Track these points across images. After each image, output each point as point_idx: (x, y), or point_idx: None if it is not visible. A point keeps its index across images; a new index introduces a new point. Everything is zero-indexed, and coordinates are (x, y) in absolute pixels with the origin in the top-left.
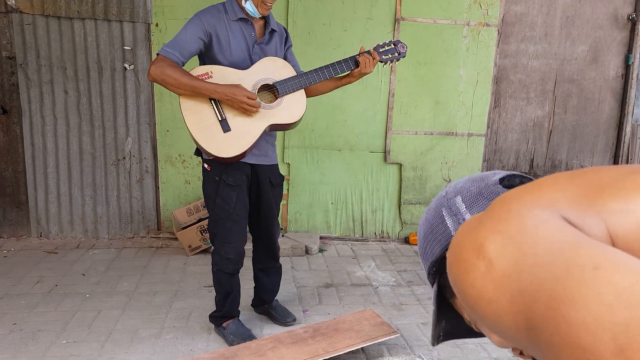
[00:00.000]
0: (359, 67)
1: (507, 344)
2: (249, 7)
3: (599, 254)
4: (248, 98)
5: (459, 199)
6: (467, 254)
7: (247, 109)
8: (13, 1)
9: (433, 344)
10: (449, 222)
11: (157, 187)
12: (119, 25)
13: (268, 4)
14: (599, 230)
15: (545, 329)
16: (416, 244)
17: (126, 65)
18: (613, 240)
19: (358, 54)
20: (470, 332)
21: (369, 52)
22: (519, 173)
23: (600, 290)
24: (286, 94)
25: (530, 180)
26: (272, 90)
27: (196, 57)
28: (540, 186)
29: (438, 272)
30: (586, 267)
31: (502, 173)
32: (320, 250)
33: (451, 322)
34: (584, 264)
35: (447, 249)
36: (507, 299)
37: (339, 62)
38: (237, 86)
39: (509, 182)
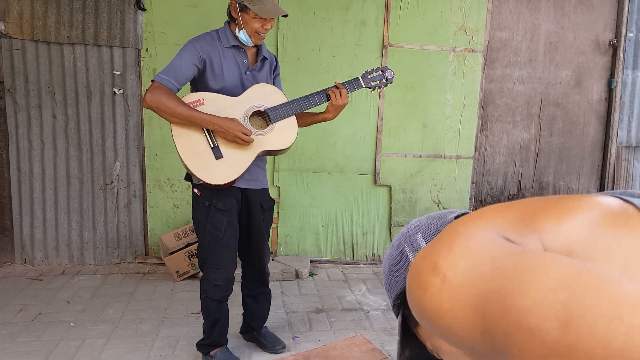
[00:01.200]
0: (330, 100)
1: None
2: (243, 36)
3: (537, 255)
4: (242, 133)
5: (419, 236)
6: (423, 275)
7: (240, 143)
8: (2, 26)
9: None
10: (411, 257)
11: (145, 212)
12: (109, 50)
13: (261, 35)
14: (535, 247)
15: (499, 322)
16: None
17: (115, 90)
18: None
19: (336, 84)
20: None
21: (351, 81)
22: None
23: (540, 278)
24: (278, 121)
25: None
26: (263, 117)
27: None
28: (483, 214)
29: (402, 303)
30: (527, 268)
31: (457, 212)
32: (311, 274)
33: (415, 350)
34: (524, 264)
35: None
36: (461, 306)
37: (322, 90)
38: (234, 120)
39: None
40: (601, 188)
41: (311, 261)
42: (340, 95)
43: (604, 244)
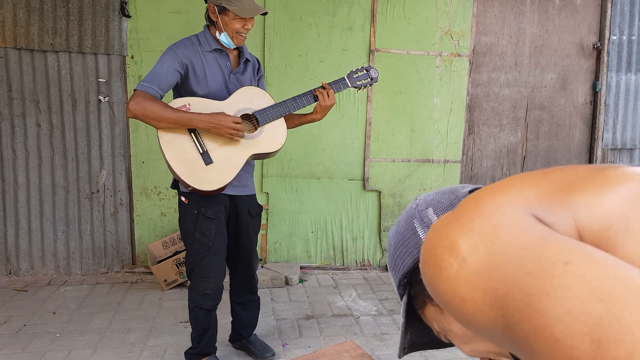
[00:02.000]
0: (318, 101)
1: (478, 354)
2: (224, 39)
3: (569, 249)
4: (234, 122)
5: (430, 211)
6: (439, 252)
7: (234, 135)
8: None
9: (399, 356)
10: (421, 233)
11: (132, 220)
12: (93, 57)
13: (242, 35)
14: (568, 225)
15: (521, 324)
16: None
17: (101, 98)
18: (580, 233)
19: (322, 85)
20: (437, 344)
21: (338, 81)
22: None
23: (572, 284)
24: (266, 123)
25: None
26: (251, 120)
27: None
28: (510, 185)
29: (409, 283)
30: (557, 263)
31: (470, 186)
32: (301, 281)
33: (417, 334)
34: (554, 259)
35: (418, 260)
36: (481, 297)
37: (309, 91)
38: (221, 113)
39: None
40: None
41: (301, 267)
42: (328, 96)
43: None
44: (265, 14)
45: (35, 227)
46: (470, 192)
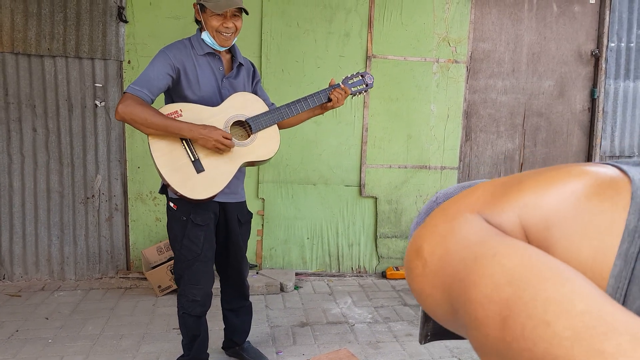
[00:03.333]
0: (332, 102)
1: None
2: (207, 38)
3: (499, 244)
4: (223, 137)
5: None
6: (410, 255)
7: (221, 149)
8: None
9: (420, 342)
10: None
11: (126, 226)
12: (90, 62)
13: (224, 34)
14: (513, 225)
15: (460, 312)
16: (393, 279)
17: (97, 103)
18: (526, 233)
19: (330, 87)
20: (456, 334)
21: (339, 85)
22: None
23: (493, 271)
24: (259, 130)
25: None
26: (244, 127)
27: (163, 93)
28: (476, 189)
29: None
30: (487, 255)
31: (488, 180)
32: (296, 287)
33: (437, 324)
34: (486, 253)
35: None
36: (439, 293)
37: (311, 96)
38: (212, 126)
39: None
40: None
41: (296, 274)
42: (344, 97)
43: (582, 219)
44: (246, 13)
45: (30, 231)
46: None
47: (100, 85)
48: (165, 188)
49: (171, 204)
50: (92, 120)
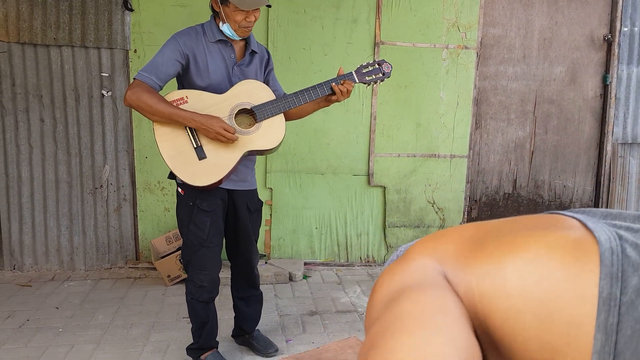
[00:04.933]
0: (336, 96)
1: None
2: (227, 30)
3: (404, 312)
4: (225, 130)
5: None
6: (372, 288)
7: (222, 141)
8: None
9: None
10: None
11: (135, 216)
12: (96, 52)
13: (246, 27)
14: (467, 289)
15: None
16: None
17: (104, 92)
18: (481, 298)
19: (338, 77)
20: None
21: (346, 76)
22: None
23: (375, 331)
24: (265, 119)
25: None
26: (250, 115)
27: (174, 79)
28: (443, 235)
29: None
30: (389, 317)
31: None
32: (305, 277)
33: None
34: (392, 313)
35: None
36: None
37: (319, 85)
38: (216, 118)
39: None
40: (597, 185)
41: (305, 263)
42: (347, 93)
43: (548, 288)
44: (269, 6)
45: (39, 222)
46: None
47: (107, 74)
48: (174, 174)
49: (179, 190)
50: (99, 110)
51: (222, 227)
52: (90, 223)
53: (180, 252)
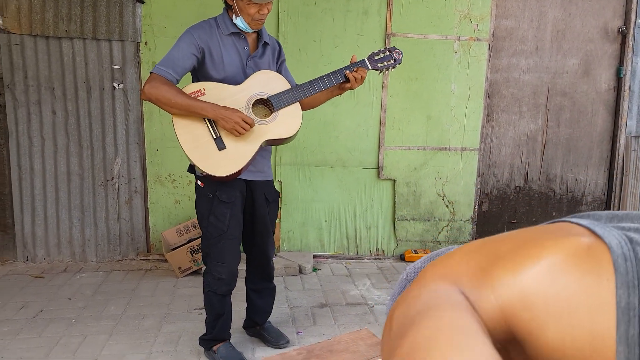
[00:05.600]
0: (350, 83)
1: None
2: (240, 23)
3: (424, 334)
4: (243, 121)
5: None
6: (386, 320)
7: (240, 132)
8: (0, 21)
9: None
10: None
11: (146, 208)
12: (107, 44)
13: (259, 20)
14: (491, 305)
15: None
16: (412, 261)
17: (115, 85)
18: (504, 313)
19: (351, 65)
20: None
21: (359, 63)
22: None
23: (403, 351)
24: (281, 108)
25: None
26: (267, 105)
27: (189, 72)
28: (451, 257)
29: None
30: (410, 338)
31: (455, 247)
32: (314, 270)
33: None
34: (412, 339)
35: None
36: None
37: (333, 73)
38: (233, 109)
39: None
40: (610, 179)
41: (314, 256)
42: (361, 80)
43: (566, 297)
44: None
45: (51, 214)
46: None
47: (118, 67)
48: (193, 167)
49: (199, 182)
50: (110, 103)
51: (242, 219)
52: (101, 215)
53: (191, 244)
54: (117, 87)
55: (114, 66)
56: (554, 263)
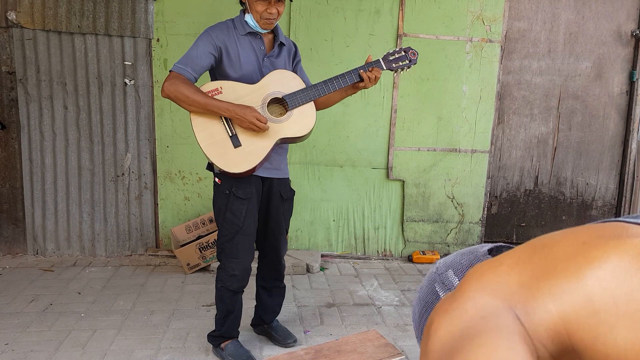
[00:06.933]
0: (364, 82)
1: None
2: (250, 21)
3: (477, 344)
4: (257, 120)
5: (450, 273)
6: (426, 329)
7: (255, 130)
8: (14, 16)
9: None
10: (442, 296)
11: (156, 204)
12: (120, 40)
13: (267, 19)
14: (547, 314)
15: None
16: (419, 263)
17: (127, 81)
18: (565, 321)
19: (367, 65)
20: None
21: (372, 64)
22: (506, 244)
23: None
24: (296, 107)
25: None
26: (282, 104)
27: (207, 71)
28: (500, 264)
29: None
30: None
31: (489, 245)
32: (322, 269)
33: None
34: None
35: None
36: None
37: (347, 73)
38: (249, 107)
39: (497, 253)
40: (620, 184)
41: (322, 256)
42: (375, 80)
43: (636, 299)
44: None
45: (62, 208)
46: (490, 250)
47: (130, 63)
48: (211, 165)
49: (216, 179)
50: (121, 99)
51: (257, 216)
52: (111, 210)
53: (200, 240)
54: (129, 83)
55: (126, 62)
56: (620, 265)
